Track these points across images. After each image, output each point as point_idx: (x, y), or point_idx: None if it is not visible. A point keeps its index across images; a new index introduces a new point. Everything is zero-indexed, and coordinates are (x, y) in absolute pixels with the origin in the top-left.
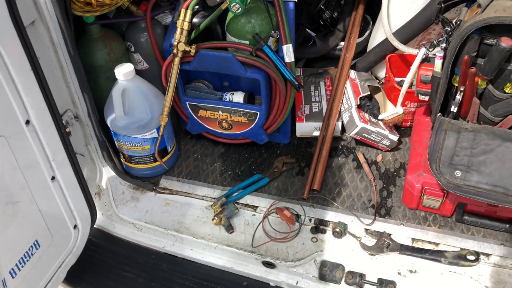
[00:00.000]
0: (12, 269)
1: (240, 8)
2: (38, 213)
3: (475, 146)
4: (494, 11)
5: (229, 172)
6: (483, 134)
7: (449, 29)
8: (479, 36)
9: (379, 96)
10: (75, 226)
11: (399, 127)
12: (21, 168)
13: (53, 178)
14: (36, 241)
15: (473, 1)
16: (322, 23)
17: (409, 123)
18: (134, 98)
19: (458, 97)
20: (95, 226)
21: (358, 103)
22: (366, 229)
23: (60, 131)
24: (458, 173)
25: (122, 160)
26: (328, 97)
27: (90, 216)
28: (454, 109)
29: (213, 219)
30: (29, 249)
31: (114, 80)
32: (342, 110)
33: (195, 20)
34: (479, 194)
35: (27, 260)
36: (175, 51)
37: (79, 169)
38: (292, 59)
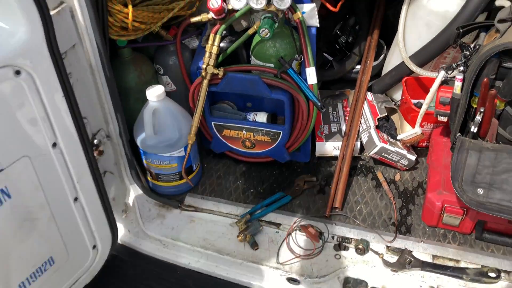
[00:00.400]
0: (23, 282)
1: (269, 33)
2: (56, 231)
3: (496, 164)
4: None
5: (252, 190)
6: (504, 153)
7: (467, 53)
8: (497, 60)
9: (395, 117)
10: (94, 246)
11: (416, 147)
12: (43, 187)
13: (76, 199)
14: (51, 257)
15: (490, 26)
16: (338, 47)
17: (425, 144)
18: (164, 118)
19: (478, 117)
20: (121, 242)
21: (377, 123)
22: (388, 246)
23: (87, 155)
24: (480, 191)
25: (149, 178)
26: (346, 117)
27: (112, 237)
28: (474, 129)
29: (238, 236)
30: (43, 265)
31: (143, 101)
32: (360, 131)
33: (222, 44)
34: (501, 210)
35: (39, 275)
36: (203, 73)
37: (104, 192)
38: (315, 81)
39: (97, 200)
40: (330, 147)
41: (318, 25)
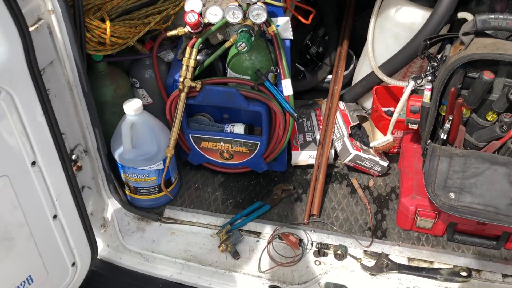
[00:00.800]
0: None
1: (246, 47)
2: (35, 249)
3: (466, 169)
4: (476, 48)
5: (231, 200)
6: (472, 159)
7: (435, 63)
8: (463, 70)
9: (366, 125)
10: (73, 264)
11: (387, 153)
12: (22, 206)
13: (55, 216)
14: (30, 276)
15: (454, 38)
16: (309, 57)
17: (396, 150)
18: (142, 132)
19: (447, 125)
20: (101, 258)
21: (349, 132)
22: (365, 251)
23: (66, 171)
24: (452, 195)
25: (127, 191)
26: (320, 126)
27: (91, 254)
28: (443, 136)
29: (219, 246)
30: (21, 284)
31: (119, 115)
32: (334, 139)
33: (198, 57)
34: (472, 213)
35: None
36: (181, 86)
37: (83, 208)
38: (291, 93)
39: (76, 217)
40: (306, 156)
41: (292, 38)
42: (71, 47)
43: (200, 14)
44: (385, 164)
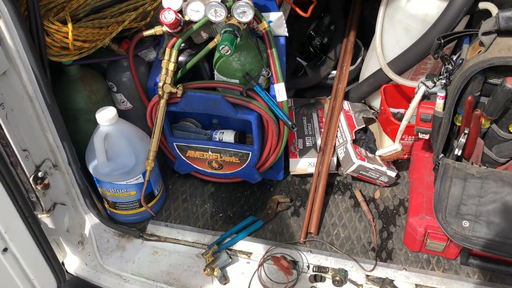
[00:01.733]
0: None
1: (229, 51)
2: None
3: (483, 194)
4: (499, 51)
5: (220, 214)
6: (491, 181)
7: (450, 67)
8: (483, 76)
9: (374, 127)
10: None
11: (396, 160)
12: None
13: (5, 249)
14: None
15: (473, 35)
16: (312, 50)
17: (406, 156)
18: (118, 143)
19: (462, 140)
20: (78, 276)
21: (354, 137)
22: (368, 275)
23: (15, 201)
24: (466, 223)
25: (106, 205)
26: (322, 130)
27: (56, 282)
28: (458, 152)
29: (204, 270)
30: None
31: (95, 122)
32: (337, 145)
33: (181, 58)
34: (489, 246)
35: None
36: (160, 92)
37: (42, 237)
38: (285, 98)
39: (33, 247)
40: (305, 164)
41: (287, 34)
42: (27, 54)
43: (180, 11)
44: (393, 174)
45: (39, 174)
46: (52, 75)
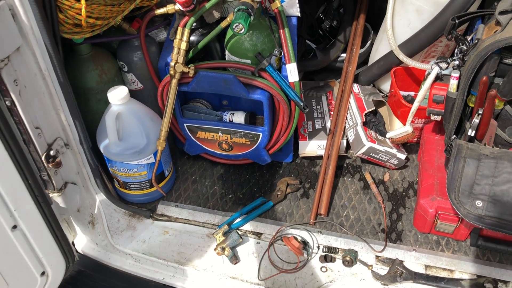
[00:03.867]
0: None
1: (243, 29)
2: None
3: (497, 174)
4: None
5: (230, 196)
6: (505, 162)
7: (464, 47)
8: (498, 56)
9: (383, 110)
10: (43, 273)
11: (406, 143)
12: None
13: (14, 227)
14: None
15: (487, 16)
16: (321, 33)
17: (416, 139)
18: (129, 123)
19: (476, 120)
20: (89, 256)
21: (364, 119)
22: (377, 256)
23: (26, 180)
24: (479, 203)
25: (117, 186)
26: (331, 112)
27: (65, 262)
28: (471, 133)
29: (215, 249)
30: None
31: (106, 102)
32: (346, 127)
33: (192, 38)
34: (503, 226)
35: None
36: (172, 72)
37: (52, 216)
38: (297, 79)
39: (43, 227)
40: (314, 146)
41: (299, 15)
42: (40, 31)
43: None
44: (403, 157)
45: (51, 152)
46: (63, 53)
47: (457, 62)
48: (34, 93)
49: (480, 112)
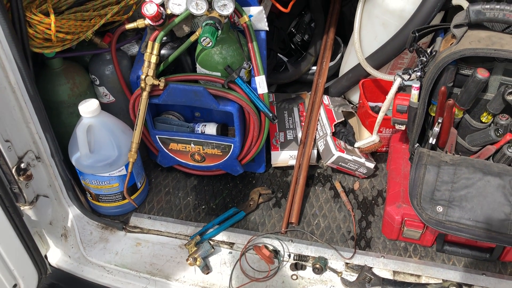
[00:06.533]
0: None
1: (211, 42)
2: None
3: (456, 180)
4: (469, 42)
5: (203, 206)
6: (463, 168)
7: (424, 59)
8: (455, 67)
9: (353, 121)
10: (14, 285)
11: (375, 152)
12: None
13: None
14: None
15: (445, 30)
16: (293, 47)
17: (384, 149)
18: (100, 135)
19: (436, 129)
20: (61, 269)
21: (333, 130)
22: (347, 263)
23: None
24: (439, 209)
25: (89, 198)
26: (303, 123)
27: (37, 273)
28: (432, 140)
29: (187, 260)
30: None
31: (78, 115)
32: (317, 138)
33: (163, 51)
34: (461, 230)
35: None
36: (143, 85)
37: (24, 228)
38: (266, 90)
39: (14, 239)
40: (286, 156)
41: (267, 29)
42: (9, 45)
43: (162, 4)
44: (372, 165)
45: (22, 165)
46: (35, 68)
47: (419, 73)
48: (4, 107)
49: (440, 121)
